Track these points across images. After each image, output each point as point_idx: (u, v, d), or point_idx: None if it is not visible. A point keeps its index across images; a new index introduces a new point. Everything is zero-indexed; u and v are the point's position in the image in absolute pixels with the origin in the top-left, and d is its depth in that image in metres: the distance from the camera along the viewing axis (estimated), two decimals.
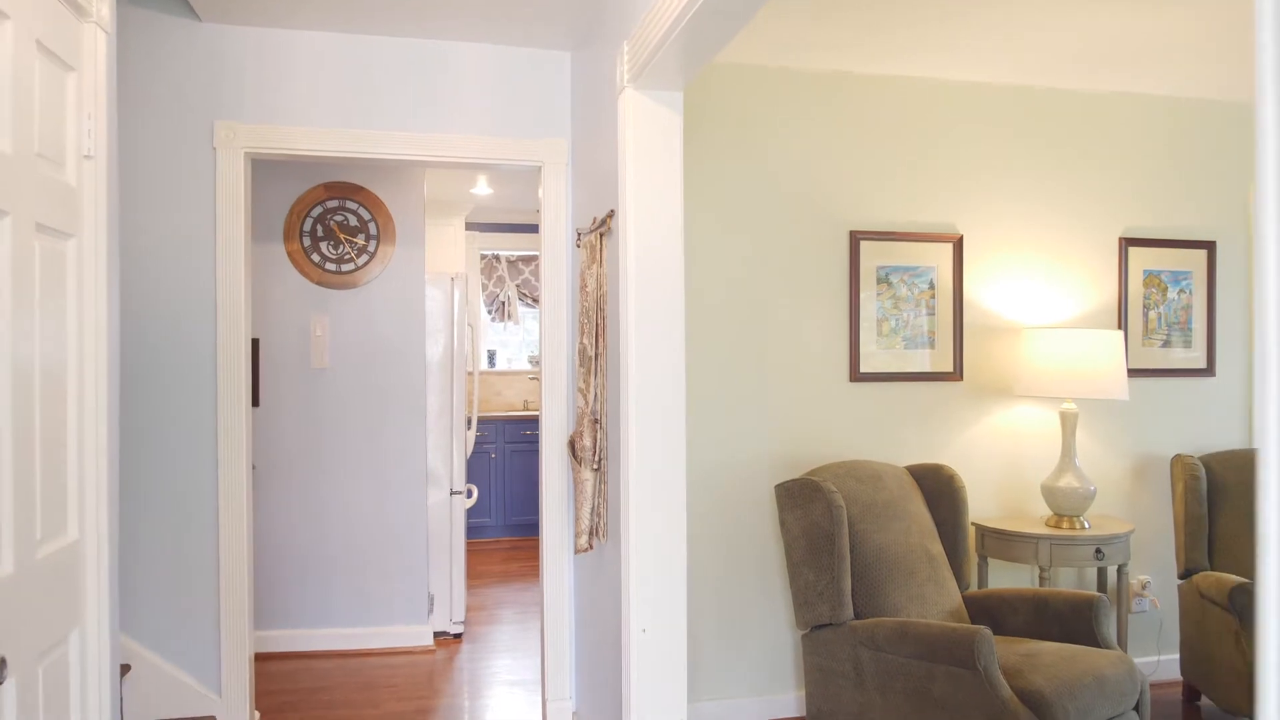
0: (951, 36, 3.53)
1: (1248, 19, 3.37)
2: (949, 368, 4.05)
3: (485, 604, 5.64)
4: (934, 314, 4.04)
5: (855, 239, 3.93)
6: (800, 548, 3.37)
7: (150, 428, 3.45)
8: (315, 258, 4.72)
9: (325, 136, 3.52)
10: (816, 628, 3.34)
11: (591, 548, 3.16)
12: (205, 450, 3.47)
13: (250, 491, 3.55)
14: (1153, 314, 4.31)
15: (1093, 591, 3.43)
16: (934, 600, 3.44)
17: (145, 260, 3.44)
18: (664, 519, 2.74)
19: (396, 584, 4.78)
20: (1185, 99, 4.31)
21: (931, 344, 4.03)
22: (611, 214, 2.95)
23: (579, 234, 3.45)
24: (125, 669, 3.32)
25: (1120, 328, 4.24)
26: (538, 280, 8.32)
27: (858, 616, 3.33)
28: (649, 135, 2.67)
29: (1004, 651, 3.15)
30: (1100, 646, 3.29)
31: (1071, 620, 3.34)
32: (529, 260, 8.36)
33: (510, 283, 8.37)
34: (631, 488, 2.74)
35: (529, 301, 8.40)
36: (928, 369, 4.03)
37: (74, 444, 2.07)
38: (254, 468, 4.64)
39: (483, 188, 6.58)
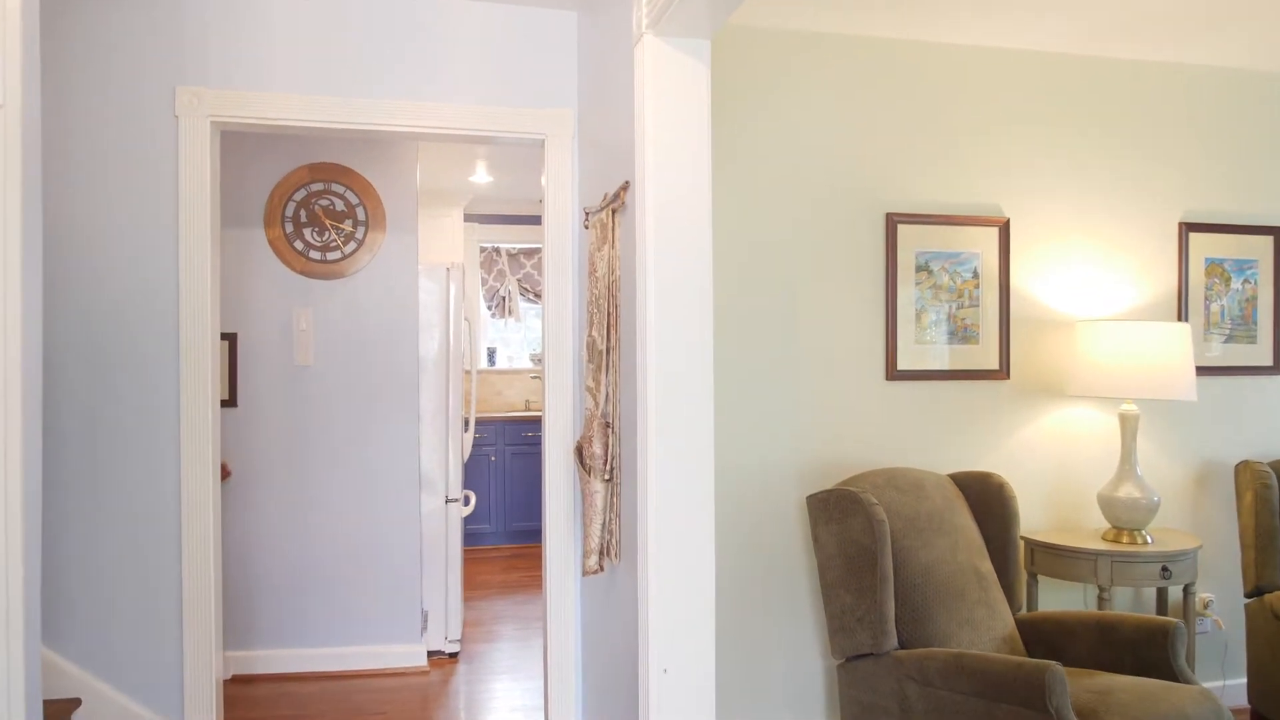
0: None
1: None
2: (994, 365, 3.67)
3: (483, 619, 5.26)
4: (978, 305, 3.65)
5: (892, 222, 3.55)
6: (836, 567, 2.99)
7: (101, 431, 3.07)
8: (298, 245, 4.35)
9: (301, 104, 3.14)
10: (854, 658, 2.96)
11: (602, 569, 2.78)
12: (167, 455, 3.10)
13: (218, 500, 3.18)
14: (1214, 306, 3.92)
15: (1164, 616, 3.05)
16: (985, 625, 3.06)
17: (97, 242, 3.06)
18: (689, 540, 2.34)
19: (387, 599, 4.40)
20: (1251, 72, 3.92)
21: (976, 338, 3.65)
22: (626, 186, 2.57)
23: (587, 214, 3.08)
24: (75, 704, 2.95)
25: (1180, 321, 3.86)
26: (540, 274, 7.94)
27: (901, 645, 2.95)
28: (672, 89, 2.27)
29: (1072, 687, 2.76)
30: (1176, 679, 2.91)
31: (1144, 649, 2.95)
32: (531, 253, 7.98)
33: (511, 277, 7.98)
34: (650, 502, 2.35)
35: (531, 297, 8.02)
36: (971, 366, 3.64)
37: None
38: (230, 474, 4.27)
39: (482, 175, 6.19)
